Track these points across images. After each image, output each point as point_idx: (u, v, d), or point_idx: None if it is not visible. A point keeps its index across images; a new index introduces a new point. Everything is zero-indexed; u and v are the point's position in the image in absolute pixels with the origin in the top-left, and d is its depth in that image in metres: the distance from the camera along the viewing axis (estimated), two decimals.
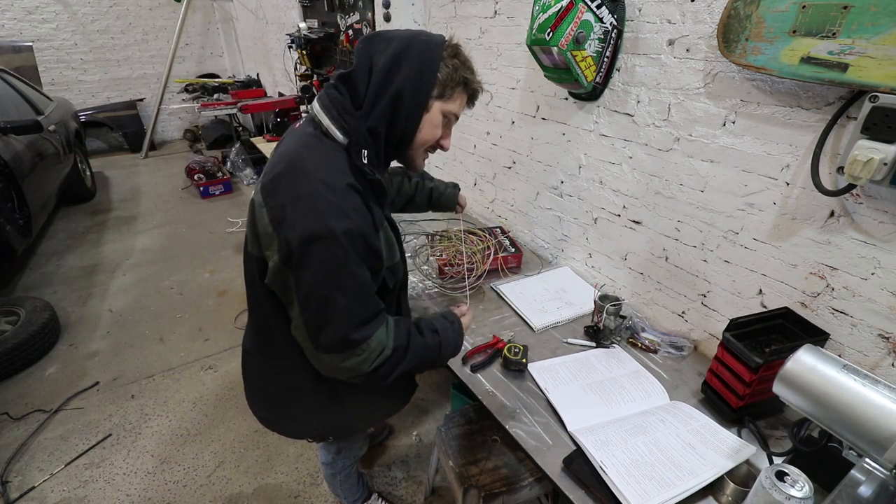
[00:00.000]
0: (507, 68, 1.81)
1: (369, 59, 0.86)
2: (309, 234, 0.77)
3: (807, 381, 0.78)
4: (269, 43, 5.02)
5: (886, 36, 0.81)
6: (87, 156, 4.92)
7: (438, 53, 0.88)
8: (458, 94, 0.93)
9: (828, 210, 1.02)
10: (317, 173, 0.81)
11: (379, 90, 0.85)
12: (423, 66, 0.86)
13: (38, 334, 2.47)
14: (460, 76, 0.91)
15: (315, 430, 1.17)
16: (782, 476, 0.75)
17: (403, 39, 0.87)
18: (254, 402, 1.16)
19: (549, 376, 1.24)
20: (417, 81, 0.86)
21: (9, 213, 2.94)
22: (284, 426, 1.16)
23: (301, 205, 0.78)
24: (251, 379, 1.14)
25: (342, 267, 0.80)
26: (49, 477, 1.86)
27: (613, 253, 1.60)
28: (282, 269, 0.82)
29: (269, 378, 1.08)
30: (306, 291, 0.81)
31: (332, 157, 0.84)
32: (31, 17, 5.52)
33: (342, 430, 1.22)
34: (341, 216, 0.79)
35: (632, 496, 0.88)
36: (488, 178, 2.12)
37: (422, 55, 0.86)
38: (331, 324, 0.82)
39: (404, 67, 0.85)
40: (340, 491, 1.56)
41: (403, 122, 0.88)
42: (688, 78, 1.21)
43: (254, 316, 1.04)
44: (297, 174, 0.81)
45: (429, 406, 2.19)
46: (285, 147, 0.89)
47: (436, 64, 0.87)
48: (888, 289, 0.96)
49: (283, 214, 0.79)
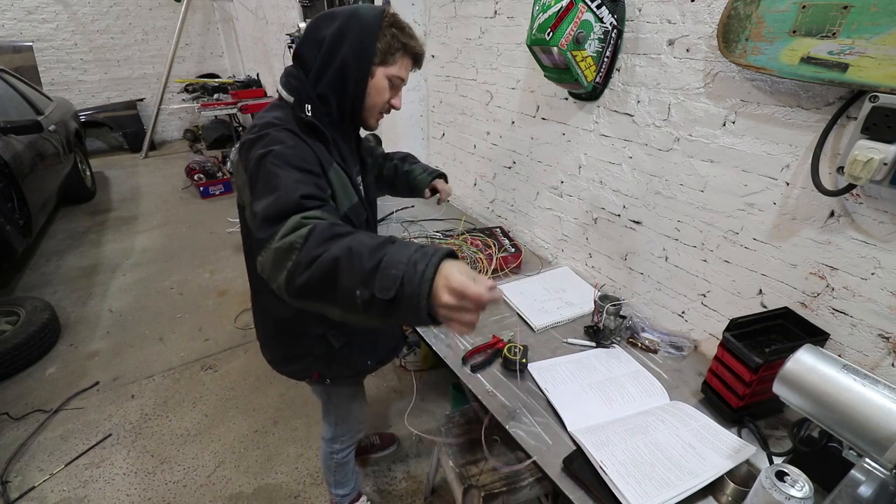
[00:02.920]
0: (507, 68, 1.81)
1: (316, 33, 0.98)
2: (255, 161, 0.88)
3: (807, 381, 0.78)
4: (269, 43, 5.02)
5: (886, 36, 0.81)
6: (87, 156, 4.93)
7: (377, 24, 0.99)
8: (399, 59, 1.03)
9: (828, 210, 1.02)
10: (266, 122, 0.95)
11: (326, 61, 0.97)
12: (364, 37, 0.97)
13: (38, 334, 2.47)
14: (399, 42, 1.01)
15: (311, 368, 1.24)
16: (782, 476, 0.75)
17: (346, 15, 0.98)
18: (262, 346, 1.28)
19: (549, 376, 1.24)
20: (359, 51, 0.97)
21: (9, 213, 2.94)
22: (286, 366, 1.26)
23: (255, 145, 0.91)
24: (258, 323, 1.26)
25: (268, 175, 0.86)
26: (49, 477, 1.87)
27: (613, 253, 1.60)
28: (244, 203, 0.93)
29: (267, 320, 1.21)
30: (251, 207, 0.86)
31: (281, 112, 0.99)
32: (31, 17, 5.53)
33: (332, 371, 1.26)
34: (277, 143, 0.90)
35: (632, 496, 0.88)
36: (488, 178, 2.12)
37: (362, 27, 0.97)
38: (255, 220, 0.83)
39: (347, 39, 0.96)
40: (333, 477, 1.56)
41: (352, 88, 1.00)
42: (688, 78, 1.21)
43: (248, 262, 1.14)
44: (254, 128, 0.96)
45: (429, 406, 2.19)
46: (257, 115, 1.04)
47: (375, 34, 0.98)
48: (888, 289, 0.96)
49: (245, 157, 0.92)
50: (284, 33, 4.08)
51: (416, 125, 2.46)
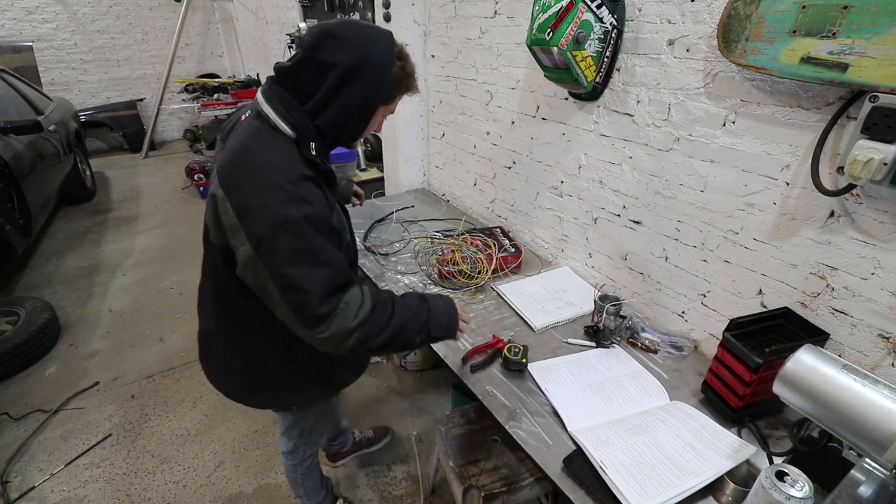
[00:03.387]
0: (507, 68, 1.81)
1: (318, 56, 0.89)
2: (275, 222, 0.83)
3: (807, 381, 0.78)
4: (269, 43, 5.02)
5: (886, 36, 0.81)
6: (87, 156, 4.92)
7: (391, 65, 0.94)
8: (398, 98, 1.02)
9: (828, 210, 1.02)
10: (274, 166, 0.86)
11: (332, 94, 0.90)
12: (378, 81, 0.93)
13: (38, 334, 2.47)
14: (404, 85, 0.99)
15: (278, 398, 1.23)
16: (782, 476, 0.75)
17: (358, 47, 0.90)
18: (218, 379, 1.22)
19: (549, 376, 1.24)
20: (371, 94, 0.94)
21: (9, 213, 2.94)
22: (249, 397, 1.22)
23: (264, 196, 0.84)
24: (214, 357, 1.20)
25: (308, 246, 0.86)
26: (49, 477, 1.87)
27: (613, 253, 1.60)
28: (253, 259, 0.86)
29: (234, 354, 1.14)
30: (282, 275, 0.85)
31: (285, 150, 0.89)
32: (31, 17, 5.52)
33: (303, 398, 1.26)
34: (302, 203, 0.85)
35: (632, 496, 0.88)
36: (488, 178, 2.12)
37: (380, 69, 0.92)
38: (309, 296, 0.86)
39: (364, 78, 0.90)
40: (303, 489, 1.54)
41: (354, 125, 0.97)
42: (688, 78, 1.21)
43: (216, 301, 1.09)
44: (254, 168, 0.86)
45: (429, 406, 2.19)
46: (238, 140, 0.91)
47: (388, 77, 0.94)
48: (888, 289, 0.96)
49: (248, 206, 0.85)
50: (284, 33, 4.08)
51: (416, 125, 2.46)
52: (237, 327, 1.08)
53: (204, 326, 1.18)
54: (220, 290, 1.05)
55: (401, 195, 2.53)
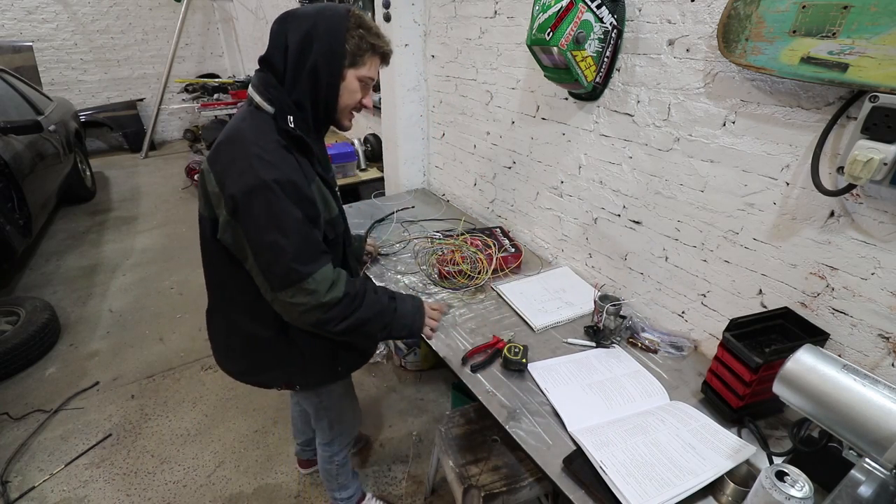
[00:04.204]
0: (507, 68, 1.81)
1: (284, 38, 0.97)
2: (247, 186, 0.90)
3: (807, 381, 0.78)
4: None
5: (886, 36, 0.81)
6: (87, 156, 4.92)
7: (343, 26, 0.97)
8: (369, 59, 1.03)
9: (828, 210, 1.02)
10: (251, 137, 0.95)
11: (296, 67, 0.97)
12: (332, 41, 0.97)
13: (38, 334, 2.47)
14: (367, 43, 1.01)
15: (281, 378, 1.23)
16: (782, 476, 0.75)
17: (311, 17, 0.96)
18: (222, 359, 1.24)
19: (549, 376, 1.24)
20: (329, 56, 0.97)
21: (9, 213, 2.94)
22: (254, 377, 1.24)
23: (238, 164, 0.92)
24: (217, 336, 1.22)
25: (278, 210, 0.92)
26: (49, 477, 1.87)
27: (613, 253, 1.60)
28: (230, 222, 0.94)
29: (232, 332, 1.17)
30: (253, 236, 0.93)
31: (262, 124, 0.97)
32: (31, 17, 5.52)
33: (306, 378, 1.26)
34: (272, 168, 0.92)
35: (632, 496, 0.88)
36: (488, 178, 2.12)
37: (329, 31, 0.96)
38: (277, 261, 0.93)
39: (315, 44, 0.95)
40: (336, 483, 1.55)
41: (325, 93, 1.00)
42: (688, 78, 1.21)
43: (209, 273, 1.13)
44: (234, 141, 0.95)
45: (429, 406, 2.19)
46: (229, 124, 1.02)
47: (342, 37, 0.97)
48: (888, 289, 0.96)
49: (225, 174, 0.93)
50: None
51: (416, 125, 2.46)
52: (230, 301, 1.12)
53: (208, 307, 1.21)
54: (211, 262, 1.10)
55: (401, 195, 2.53)
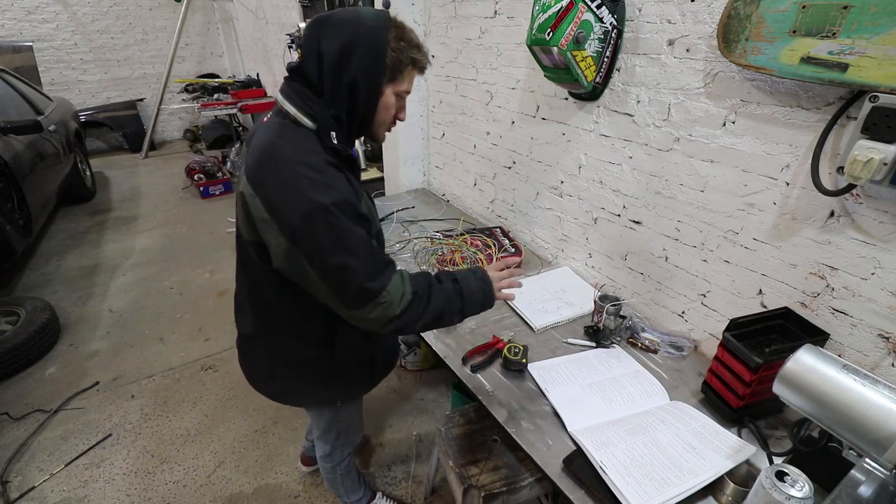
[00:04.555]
0: (507, 68, 1.81)
1: (317, 46, 0.90)
2: (305, 211, 0.85)
3: (807, 381, 0.78)
4: (269, 43, 5.02)
5: (886, 36, 0.81)
6: (87, 156, 4.92)
7: (385, 39, 0.92)
8: (407, 74, 0.98)
9: (828, 210, 1.02)
10: (297, 157, 0.88)
11: (334, 81, 0.91)
12: (373, 56, 0.91)
13: (38, 334, 2.47)
14: (408, 57, 0.95)
15: (324, 395, 1.23)
16: (782, 476, 0.75)
17: (349, 27, 0.90)
18: (261, 383, 1.22)
19: (549, 376, 1.24)
20: (370, 71, 0.92)
21: (9, 213, 2.94)
22: (295, 398, 1.25)
23: (291, 188, 0.86)
24: (258, 362, 1.19)
25: (341, 231, 0.88)
26: (49, 477, 1.87)
27: (613, 253, 1.60)
28: (289, 249, 0.89)
29: (275, 356, 1.14)
30: (318, 261, 0.88)
31: (306, 141, 0.91)
32: (31, 17, 5.52)
33: (347, 393, 1.27)
34: (328, 189, 0.87)
35: (632, 496, 0.88)
36: (488, 178, 2.12)
37: (369, 46, 0.90)
38: (349, 282, 0.89)
39: (354, 58, 0.89)
40: (342, 488, 1.55)
41: (362, 108, 0.95)
42: (688, 78, 1.21)
43: (253, 298, 1.09)
44: (279, 162, 0.88)
45: (429, 406, 2.19)
46: (262, 139, 0.93)
47: (384, 51, 0.92)
48: (888, 289, 0.96)
49: (277, 200, 0.87)
50: (284, 33, 4.08)
51: (416, 125, 2.46)
52: (276, 324, 1.08)
53: (243, 331, 1.18)
54: (257, 287, 1.06)
55: (401, 195, 2.53)
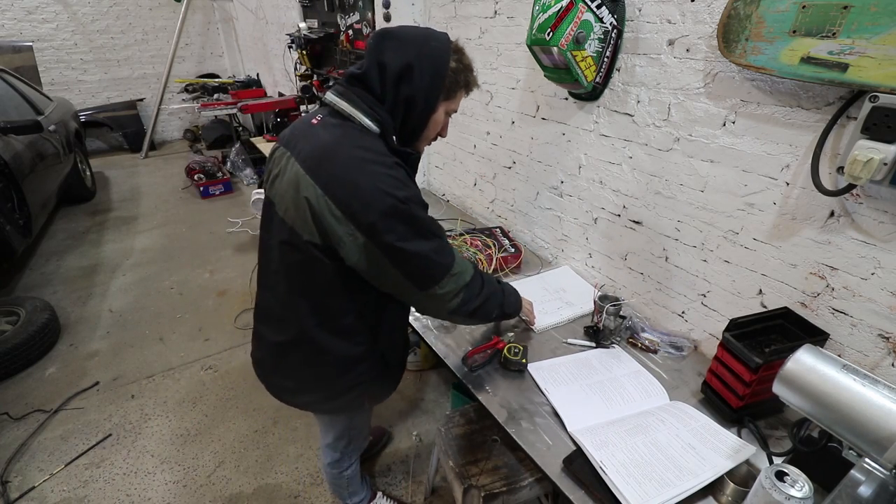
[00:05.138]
0: (507, 68, 1.81)
1: (379, 57, 0.94)
2: (384, 208, 0.89)
3: (807, 381, 0.78)
4: (269, 43, 5.02)
5: (886, 36, 0.81)
6: (87, 156, 4.92)
7: (447, 61, 0.97)
8: (459, 94, 1.04)
9: (828, 210, 1.02)
10: (370, 157, 0.92)
11: (394, 93, 0.95)
12: (435, 75, 0.96)
13: (38, 334, 2.47)
14: (463, 79, 1.01)
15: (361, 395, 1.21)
16: (782, 476, 0.75)
17: (415, 46, 0.94)
18: (294, 392, 1.20)
19: (549, 376, 1.24)
20: (429, 90, 0.97)
21: (9, 213, 2.94)
22: (331, 402, 1.21)
23: (367, 186, 0.89)
24: (293, 369, 1.15)
25: (420, 222, 0.94)
26: (49, 477, 1.87)
27: (613, 253, 1.60)
28: (366, 246, 0.92)
29: (321, 360, 1.11)
30: (399, 253, 0.92)
31: (375, 144, 0.95)
32: (31, 17, 5.52)
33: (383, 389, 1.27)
34: (402, 186, 0.92)
35: (632, 496, 0.88)
36: (488, 178, 2.12)
37: (433, 64, 0.95)
38: (429, 264, 0.97)
39: (416, 75, 0.94)
40: (347, 492, 1.54)
41: (415, 121, 1.00)
42: (688, 78, 1.21)
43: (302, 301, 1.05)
44: (352, 162, 0.91)
45: (429, 406, 2.19)
46: (325, 140, 0.95)
47: (445, 72, 0.97)
48: (888, 289, 0.96)
49: (352, 198, 0.89)
50: (284, 33, 4.08)
51: None
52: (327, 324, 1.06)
53: (278, 339, 1.12)
54: (311, 287, 1.03)
55: None
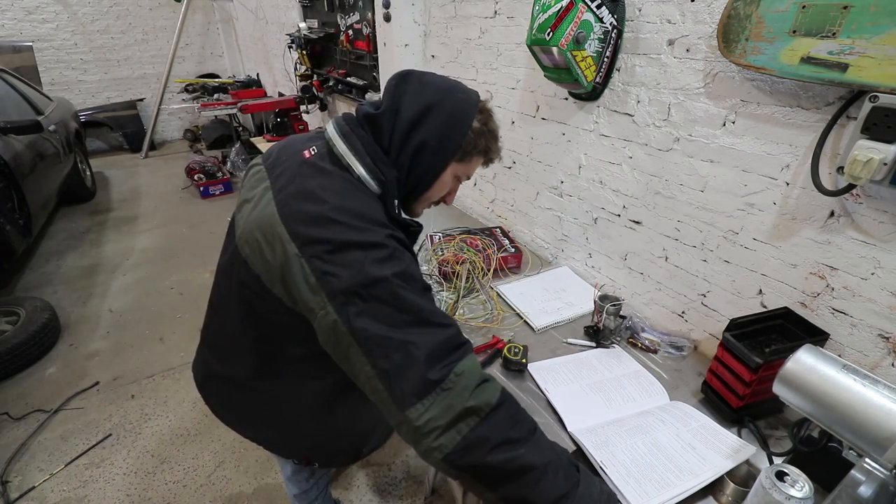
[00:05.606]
0: (507, 68, 1.81)
1: (398, 100, 0.83)
2: (364, 281, 0.71)
3: (807, 381, 0.78)
4: (269, 43, 5.02)
5: (886, 36, 0.81)
6: (87, 156, 4.92)
7: (471, 115, 0.86)
8: (475, 160, 0.91)
9: (828, 210, 1.02)
10: (362, 223, 0.75)
11: (403, 139, 0.83)
12: (453, 124, 0.85)
13: (38, 334, 2.47)
14: (484, 144, 0.90)
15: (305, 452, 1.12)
16: (782, 476, 0.75)
17: (439, 91, 0.84)
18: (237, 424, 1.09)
19: (549, 376, 1.24)
20: (443, 140, 0.84)
21: (9, 213, 2.94)
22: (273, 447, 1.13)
23: (352, 256, 0.72)
24: (237, 406, 1.05)
25: (403, 304, 0.72)
26: (49, 477, 1.87)
27: (613, 253, 1.60)
28: (335, 323, 0.72)
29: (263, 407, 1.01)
30: (374, 340, 0.71)
31: (372, 206, 0.80)
32: (31, 17, 5.52)
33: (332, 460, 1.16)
34: (393, 261, 0.75)
35: (632, 496, 0.88)
36: (488, 178, 2.12)
37: (453, 112, 0.84)
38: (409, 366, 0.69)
39: (433, 120, 0.83)
40: None
41: (420, 176, 0.86)
42: (688, 78, 1.21)
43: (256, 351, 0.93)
44: (339, 224, 0.74)
45: None
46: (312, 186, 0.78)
47: (467, 126, 0.86)
48: (888, 289, 0.96)
49: (332, 266, 0.72)
50: (284, 33, 4.08)
51: None
52: (278, 382, 0.94)
53: (230, 374, 1.00)
54: (263, 339, 0.90)
55: None
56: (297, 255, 0.74)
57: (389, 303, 0.72)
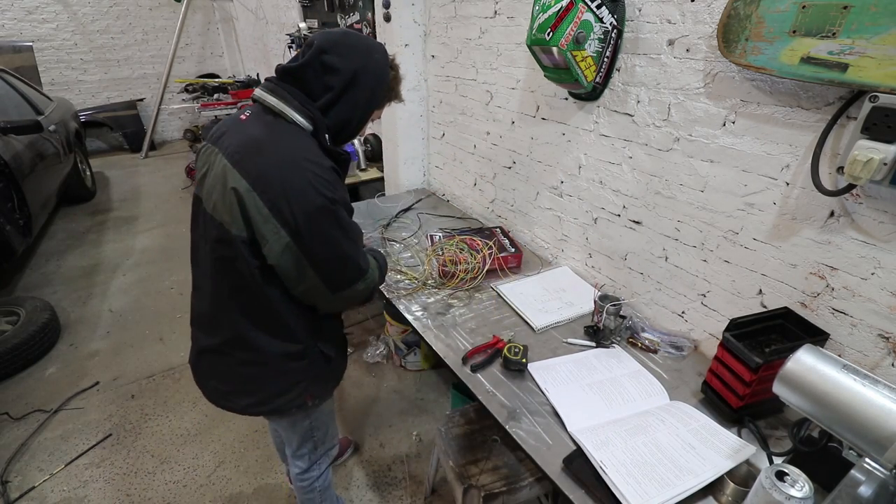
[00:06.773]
0: (507, 68, 1.81)
1: (321, 57, 0.96)
2: (310, 208, 0.91)
3: (807, 381, 0.78)
4: (269, 43, 5.02)
5: (886, 36, 0.81)
6: (87, 156, 4.92)
7: (388, 73, 1.06)
8: (388, 102, 1.13)
9: (828, 210, 1.02)
10: (301, 155, 0.93)
11: (335, 99, 0.99)
12: (377, 85, 1.04)
13: (38, 334, 2.47)
14: (394, 93, 1.11)
15: (302, 394, 1.16)
16: (782, 476, 0.75)
17: (363, 54, 1.00)
18: (231, 396, 1.15)
19: (549, 376, 1.24)
20: (370, 100, 1.04)
21: (9, 213, 2.94)
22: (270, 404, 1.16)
23: (297, 185, 0.90)
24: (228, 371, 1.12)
25: (345, 225, 0.98)
26: (49, 477, 1.87)
27: (613, 253, 1.60)
28: (290, 245, 0.93)
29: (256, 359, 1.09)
30: (321, 255, 0.96)
31: (307, 141, 0.96)
32: (31, 17, 5.52)
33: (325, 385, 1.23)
34: (331, 187, 0.94)
35: (632, 496, 0.88)
36: (488, 178, 2.12)
37: (377, 76, 1.03)
38: (346, 268, 1.02)
39: (362, 86, 1.00)
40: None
41: (354, 125, 1.06)
42: (688, 78, 1.21)
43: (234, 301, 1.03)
44: (281, 159, 0.92)
45: (429, 406, 2.19)
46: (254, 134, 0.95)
47: (386, 83, 1.06)
48: (888, 289, 0.96)
49: (280, 196, 0.90)
50: (284, 33, 4.08)
51: (416, 125, 2.46)
52: (261, 325, 1.05)
53: (212, 342, 1.10)
54: (243, 286, 1.00)
55: (401, 195, 2.53)
56: (248, 190, 0.90)
57: (333, 224, 0.95)
